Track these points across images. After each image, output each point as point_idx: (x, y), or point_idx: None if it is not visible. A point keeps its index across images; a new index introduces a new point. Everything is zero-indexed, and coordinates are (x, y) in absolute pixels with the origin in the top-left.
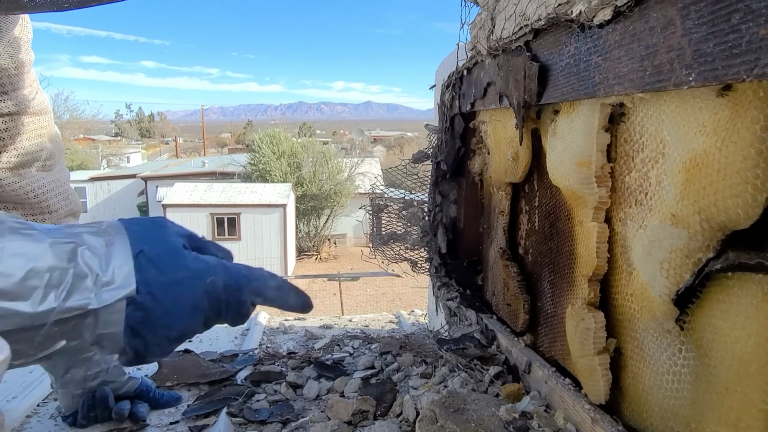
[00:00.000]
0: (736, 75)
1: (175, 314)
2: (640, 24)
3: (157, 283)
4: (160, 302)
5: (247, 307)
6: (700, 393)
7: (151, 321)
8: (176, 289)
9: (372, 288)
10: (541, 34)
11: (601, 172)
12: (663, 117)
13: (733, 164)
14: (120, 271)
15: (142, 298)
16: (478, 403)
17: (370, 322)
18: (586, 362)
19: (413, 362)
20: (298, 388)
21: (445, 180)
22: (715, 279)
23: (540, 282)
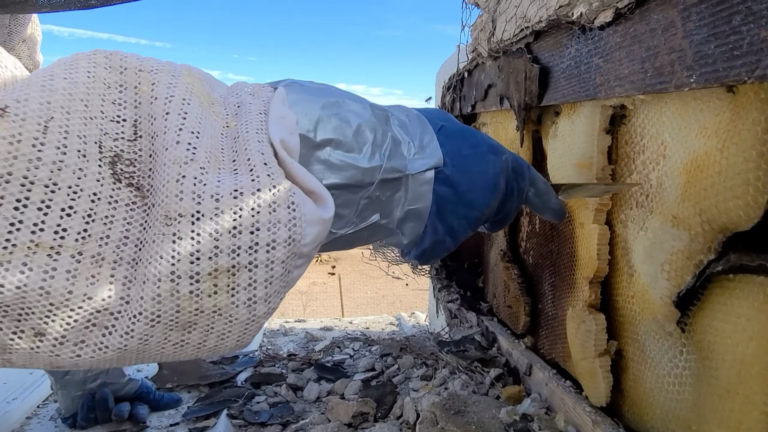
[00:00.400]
0: (737, 77)
1: (478, 190)
2: (641, 26)
3: (461, 156)
4: (466, 175)
5: (525, 195)
6: (701, 395)
7: (456, 197)
8: (479, 164)
9: (373, 290)
10: (542, 36)
11: (602, 173)
12: (664, 119)
13: (734, 166)
14: (427, 143)
15: (449, 171)
16: (478, 405)
17: (370, 324)
18: (587, 364)
19: (414, 364)
20: (299, 390)
21: None
22: (717, 281)
23: (541, 284)
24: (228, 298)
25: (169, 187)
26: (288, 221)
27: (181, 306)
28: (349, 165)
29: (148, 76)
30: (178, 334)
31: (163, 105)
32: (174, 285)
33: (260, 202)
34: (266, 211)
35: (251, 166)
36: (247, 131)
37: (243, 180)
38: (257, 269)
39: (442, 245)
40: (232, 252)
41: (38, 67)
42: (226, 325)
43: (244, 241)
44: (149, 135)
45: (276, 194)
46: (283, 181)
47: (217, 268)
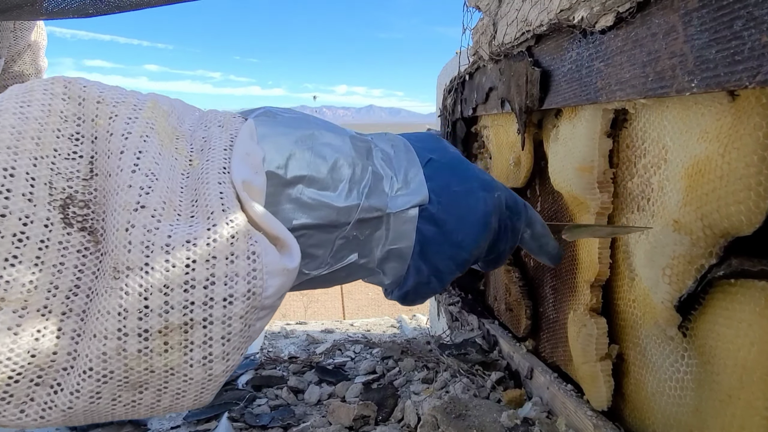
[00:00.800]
0: (738, 82)
1: (467, 229)
2: (642, 30)
3: (449, 192)
4: (453, 214)
5: (520, 236)
6: (702, 400)
7: (442, 236)
8: (468, 201)
9: (374, 291)
10: (543, 40)
11: (603, 177)
12: (665, 123)
13: (736, 171)
14: (412, 178)
15: (434, 209)
16: (479, 409)
17: (371, 326)
18: (588, 368)
19: (415, 367)
20: (300, 392)
21: None
22: (718, 286)
23: (542, 287)
24: (181, 357)
25: (118, 236)
26: (247, 273)
27: (129, 365)
28: (322, 204)
29: (107, 109)
30: (128, 394)
31: (119, 141)
32: (121, 343)
33: (216, 254)
34: (223, 263)
35: (209, 211)
36: (208, 171)
37: (198, 229)
38: (212, 326)
39: (427, 287)
40: (184, 308)
41: (41, 73)
42: (182, 385)
43: (198, 297)
44: (105, 173)
45: (234, 244)
46: (242, 227)
47: (167, 326)
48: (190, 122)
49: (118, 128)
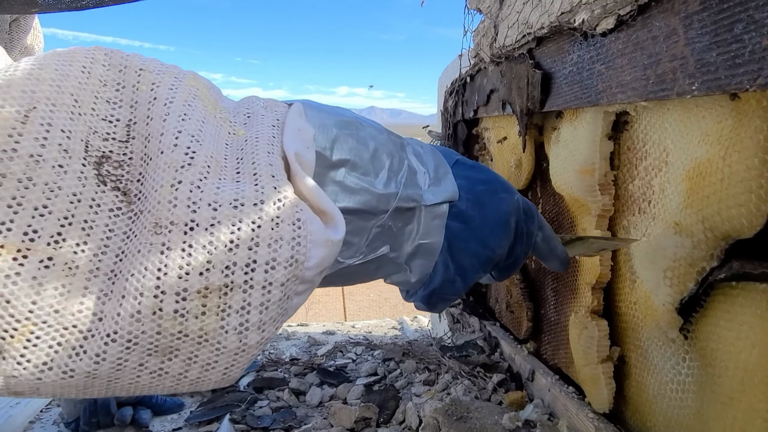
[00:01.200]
0: (739, 85)
1: (492, 228)
2: (642, 33)
3: (475, 191)
4: (480, 211)
5: (534, 240)
6: (704, 402)
7: (469, 233)
8: (493, 200)
9: (375, 293)
10: (544, 42)
11: (604, 179)
12: (666, 125)
13: (737, 173)
14: (442, 175)
15: (463, 205)
16: (481, 411)
17: (372, 328)
18: (589, 370)
19: (416, 369)
20: (301, 394)
21: None
22: (719, 288)
23: (543, 289)
24: (217, 322)
25: (162, 193)
26: (291, 239)
27: (163, 327)
28: (364, 189)
29: (150, 76)
30: (156, 360)
31: (162, 107)
32: (157, 301)
33: (262, 215)
34: (268, 225)
35: (257, 175)
36: (257, 139)
37: (246, 189)
38: (253, 291)
39: (452, 286)
40: (226, 269)
41: None
42: (212, 354)
43: (241, 257)
44: (143, 137)
45: (281, 208)
46: (290, 195)
47: (207, 286)
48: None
49: (161, 94)
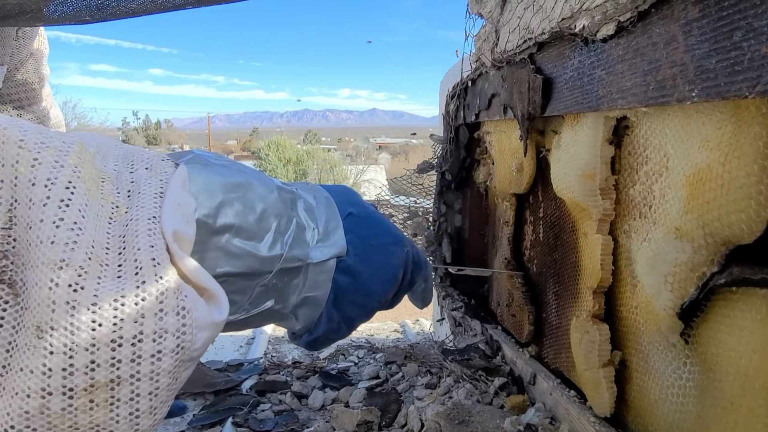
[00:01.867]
0: (738, 92)
1: (379, 281)
2: (643, 39)
3: (365, 246)
4: (368, 266)
5: (412, 287)
6: (705, 407)
7: (355, 287)
8: (382, 255)
9: None
10: (545, 47)
11: (605, 184)
12: (666, 131)
13: (737, 179)
14: (332, 230)
15: (351, 260)
16: (482, 415)
17: (375, 331)
18: (590, 374)
19: (418, 372)
20: (303, 397)
21: (449, 190)
22: (720, 293)
23: (545, 293)
24: (107, 414)
25: (41, 294)
26: (177, 330)
27: (53, 423)
28: (247, 253)
29: (29, 154)
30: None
31: (42, 190)
32: (44, 402)
33: (144, 311)
34: (152, 320)
35: (138, 266)
36: (138, 219)
37: (126, 285)
38: (140, 382)
39: (336, 333)
40: (111, 366)
41: (44, 80)
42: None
43: (125, 354)
44: (26, 224)
45: (164, 301)
46: (172, 282)
47: (93, 384)
48: (113, 160)
49: (41, 176)
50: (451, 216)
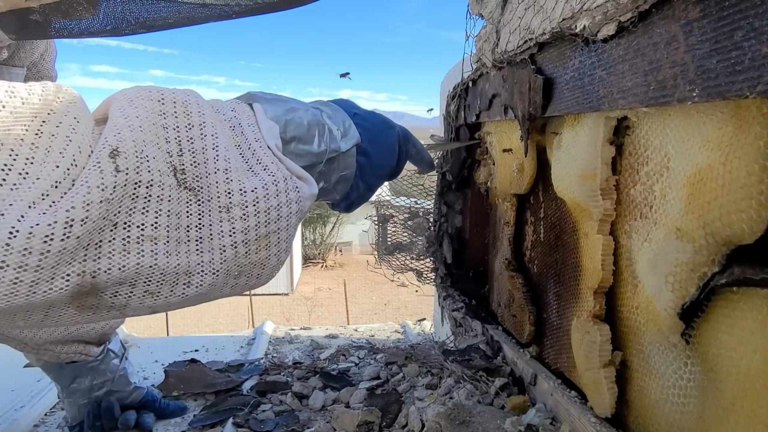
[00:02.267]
0: (739, 92)
1: (385, 156)
2: (643, 39)
3: (370, 133)
4: (376, 147)
5: (408, 155)
6: (706, 408)
7: (370, 162)
8: (383, 137)
9: (378, 296)
10: (546, 48)
11: (605, 184)
12: (667, 131)
13: (738, 180)
14: (348, 127)
15: (365, 145)
16: (483, 416)
17: (375, 332)
18: (591, 375)
19: (419, 373)
20: (304, 398)
21: (450, 190)
22: (721, 293)
23: (545, 293)
24: (266, 252)
25: (221, 188)
26: (297, 200)
27: (239, 262)
28: (307, 152)
29: (182, 108)
30: (233, 280)
31: (199, 129)
32: (235, 251)
33: (279, 190)
34: (284, 195)
35: (265, 166)
36: (250, 141)
37: (266, 177)
38: (281, 232)
39: (363, 197)
40: (267, 224)
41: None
42: (263, 270)
43: (273, 216)
44: (190, 151)
45: (287, 183)
46: (287, 173)
47: (259, 235)
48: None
49: (195, 120)
50: (452, 216)
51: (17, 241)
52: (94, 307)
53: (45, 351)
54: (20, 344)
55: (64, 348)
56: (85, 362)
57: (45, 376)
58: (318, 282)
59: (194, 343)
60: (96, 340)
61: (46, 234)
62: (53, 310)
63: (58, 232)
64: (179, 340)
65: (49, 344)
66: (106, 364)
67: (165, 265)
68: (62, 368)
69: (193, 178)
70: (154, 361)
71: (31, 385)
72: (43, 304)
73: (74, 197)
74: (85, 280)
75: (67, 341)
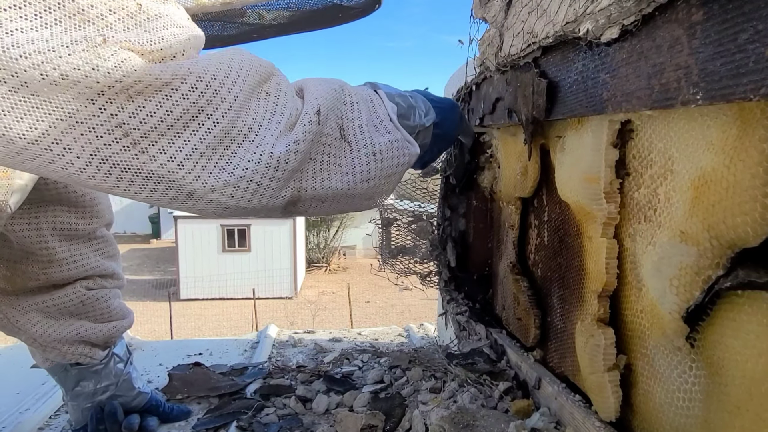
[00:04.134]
0: (743, 94)
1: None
2: (647, 42)
3: (443, 112)
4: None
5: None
6: (711, 411)
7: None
8: (450, 115)
9: (381, 299)
10: (549, 51)
11: (609, 187)
12: (671, 134)
13: (742, 182)
14: (427, 109)
15: (438, 119)
16: (487, 420)
17: (379, 335)
18: (596, 379)
19: (422, 377)
20: (308, 402)
21: (454, 194)
22: (725, 297)
23: (550, 297)
24: (386, 183)
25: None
26: (408, 154)
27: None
28: (408, 126)
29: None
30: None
31: (350, 107)
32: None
33: (400, 146)
34: (401, 149)
35: (389, 131)
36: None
37: (392, 137)
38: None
39: (433, 159)
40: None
41: None
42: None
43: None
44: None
45: (403, 143)
46: (403, 136)
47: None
48: None
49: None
50: (456, 220)
51: (272, 160)
52: (293, 212)
53: (51, 349)
54: (30, 338)
55: (70, 348)
56: (90, 365)
57: (50, 379)
58: (322, 285)
59: (198, 346)
60: (102, 343)
61: (286, 158)
62: (271, 212)
63: (291, 157)
64: (183, 343)
65: (57, 342)
66: (110, 368)
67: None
68: (67, 371)
69: (350, 134)
70: (158, 365)
71: (35, 388)
72: (272, 207)
73: (297, 134)
74: (295, 193)
75: (74, 342)
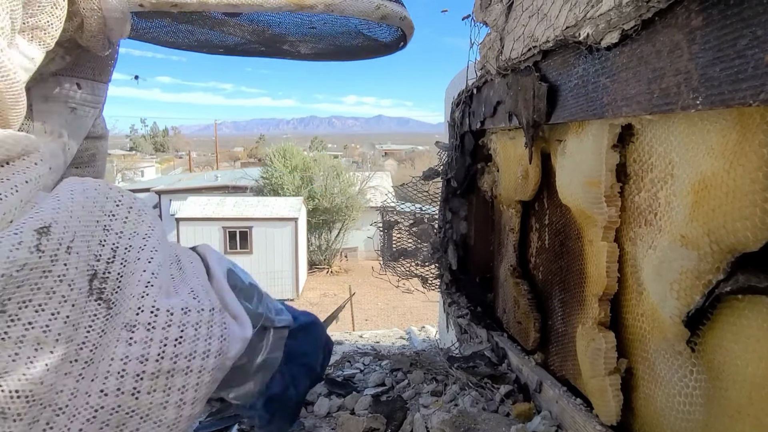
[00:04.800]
0: (742, 100)
1: (313, 345)
2: (647, 47)
3: (300, 322)
4: (306, 336)
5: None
6: (712, 416)
7: (299, 349)
8: (313, 329)
9: (383, 301)
10: (550, 55)
11: (610, 191)
12: (671, 138)
13: (742, 187)
14: (281, 310)
15: (295, 330)
16: (488, 423)
17: (380, 338)
18: (596, 382)
19: (424, 380)
20: (309, 404)
21: (455, 197)
22: (726, 301)
23: (551, 300)
24: (162, 397)
25: (132, 302)
26: (220, 336)
27: (121, 402)
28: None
29: (137, 216)
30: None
31: (141, 241)
32: (119, 381)
33: (201, 319)
34: (205, 327)
35: (195, 292)
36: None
37: (190, 301)
38: (191, 374)
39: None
40: (174, 357)
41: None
42: (152, 428)
43: (185, 349)
44: (123, 261)
45: (213, 314)
46: (218, 305)
47: (159, 369)
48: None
49: (142, 231)
50: (457, 223)
51: None
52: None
53: None
54: None
55: None
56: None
57: None
58: (323, 288)
59: None
60: None
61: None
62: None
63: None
64: None
65: None
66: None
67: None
68: None
69: (113, 289)
70: None
71: None
72: None
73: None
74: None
75: None
